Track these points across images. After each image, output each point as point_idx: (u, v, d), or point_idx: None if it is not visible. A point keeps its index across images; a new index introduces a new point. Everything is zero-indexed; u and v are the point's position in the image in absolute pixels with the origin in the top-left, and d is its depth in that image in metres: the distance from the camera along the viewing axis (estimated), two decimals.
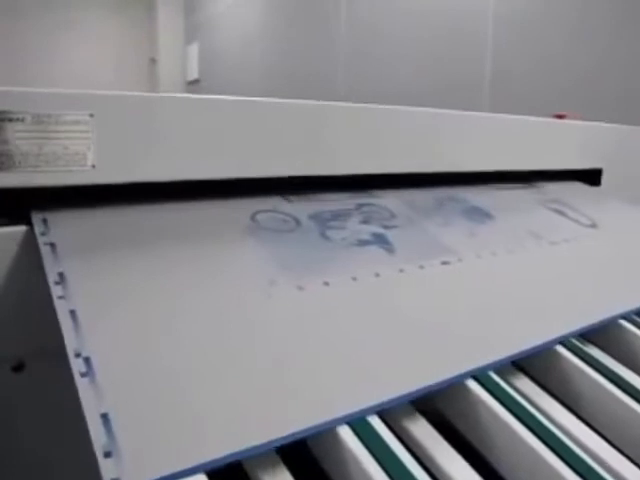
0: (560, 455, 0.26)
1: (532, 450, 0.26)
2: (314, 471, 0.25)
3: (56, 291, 0.29)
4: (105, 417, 0.22)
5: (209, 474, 0.22)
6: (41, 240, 0.32)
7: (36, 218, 0.34)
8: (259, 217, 0.39)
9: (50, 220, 0.34)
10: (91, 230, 0.34)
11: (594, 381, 0.32)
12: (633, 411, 0.30)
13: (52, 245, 0.32)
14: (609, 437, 0.29)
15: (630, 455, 0.28)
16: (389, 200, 0.46)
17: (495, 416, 0.28)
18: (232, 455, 0.22)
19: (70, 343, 0.26)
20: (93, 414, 0.22)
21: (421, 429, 0.27)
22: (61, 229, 0.34)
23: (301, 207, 0.42)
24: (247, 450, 0.23)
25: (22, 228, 0.34)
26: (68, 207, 0.36)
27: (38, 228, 0.33)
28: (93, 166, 0.34)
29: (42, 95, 0.33)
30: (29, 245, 0.33)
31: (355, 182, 0.46)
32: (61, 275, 0.30)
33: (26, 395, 0.35)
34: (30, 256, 0.33)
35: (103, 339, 0.27)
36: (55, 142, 0.34)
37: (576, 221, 0.51)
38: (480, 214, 0.47)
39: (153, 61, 3.57)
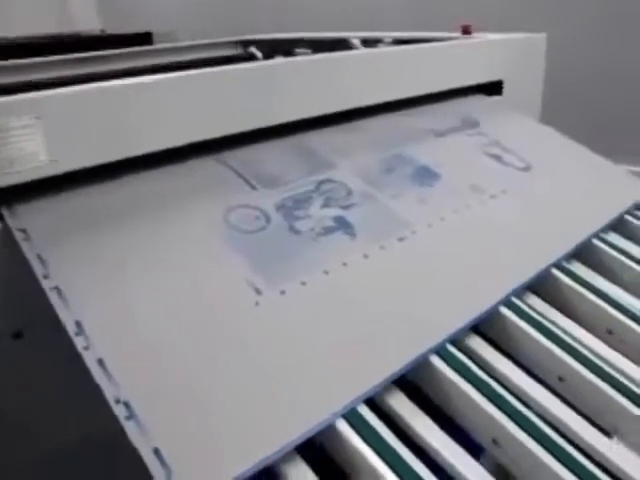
0: (503, 409, 0.36)
1: (484, 412, 0.36)
2: (324, 460, 0.33)
3: (38, 271, 0.37)
4: (157, 452, 0.30)
5: None
6: (15, 230, 0.40)
7: (7, 213, 0.42)
8: (232, 218, 0.45)
9: (20, 212, 0.42)
10: (58, 215, 0.42)
11: (535, 340, 0.42)
12: (567, 365, 0.41)
13: (24, 232, 0.40)
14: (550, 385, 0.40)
15: (576, 405, 0.38)
16: (344, 174, 0.52)
17: (456, 387, 0.37)
18: (262, 461, 0.30)
19: (63, 316, 0.34)
20: (146, 450, 0.29)
21: (403, 405, 0.36)
22: (31, 218, 0.42)
23: (265, 196, 0.47)
24: (271, 456, 0.31)
25: None
26: (35, 199, 0.43)
27: (11, 221, 0.41)
28: (49, 160, 0.42)
29: None
30: (8, 238, 0.41)
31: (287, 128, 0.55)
32: (39, 257, 0.38)
33: (25, 357, 0.44)
34: (10, 247, 0.40)
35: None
36: (11, 146, 0.41)
37: (511, 165, 0.59)
38: (428, 175, 0.54)
39: None
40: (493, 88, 0.80)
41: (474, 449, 0.35)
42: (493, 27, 0.88)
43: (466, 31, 0.92)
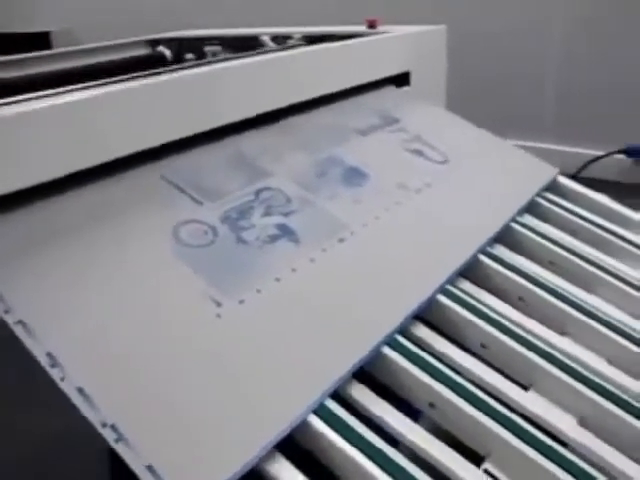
0: (451, 387, 0.41)
1: (436, 392, 0.41)
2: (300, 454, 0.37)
3: None
4: (151, 468, 0.32)
5: None
6: None
7: None
8: (181, 234, 0.47)
9: None
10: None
11: (476, 325, 0.47)
12: (490, 334, 0.47)
13: None
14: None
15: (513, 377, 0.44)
16: (280, 180, 0.55)
17: (406, 372, 0.42)
18: (248, 463, 0.34)
19: (34, 349, 0.36)
20: (141, 469, 0.32)
21: (364, 394, 0.40)
22: None
23: (210, 209, 0.50)
24: (256, 456, 0.34)
25: None
26: None
27: None
28: None
29: None
30: None
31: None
32: None
33: None
34: None
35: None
36: None
37: (431, 159, 0.65)
38: (357, 176, 0.59)
39: None
40: (402, 79, 0.86)
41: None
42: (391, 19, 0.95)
43: (372, 25, 0.98)
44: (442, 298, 0.49)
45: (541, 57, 1.35)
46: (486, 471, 0.38)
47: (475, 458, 0.39)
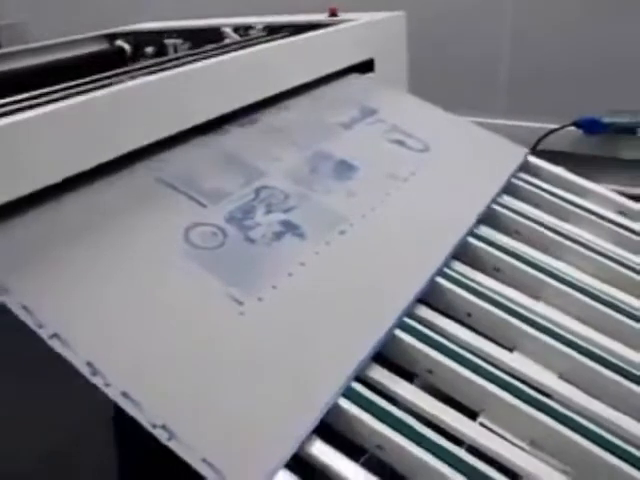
0: (448, 355, 0.46)
1: (436, 361, 0.46)
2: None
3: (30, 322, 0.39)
4: (206, 461, 0.35)
5: None
6: None
7: None
8: (192, 238, 0.49)
9: None
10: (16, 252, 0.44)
11: (475, 305, 0.51)
12: (492, 314, 0.51)
13: None
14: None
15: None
16: (276, 178, 0.58)
17: (418, 351, 0.46)
18: (293, 447, 0.37)
19: (74, 360, 0.37)
20: (197, 463, 0.35)
21: (384, 376, 0.44)
22: None
23: (215, 211, 0.52)
24: (298, 440, 0.37)
25: None
26: None
27: None
28: None
29: None
30: None
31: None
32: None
33: None
34: None
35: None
36: None
37: (412, 148, 0.68)
38: (348, 169, 0.62)
39: None
40: (366, 66, 0.89)
41: None
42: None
43: (333, 13, 1.01)
44: (441, 280, 0.52)
45: (493, 36, 1.40)
46: (482, 424, 0.43)
47: (471, 415, 0.44)
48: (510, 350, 0.50)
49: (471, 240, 0.58)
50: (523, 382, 0.46)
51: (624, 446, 0.42)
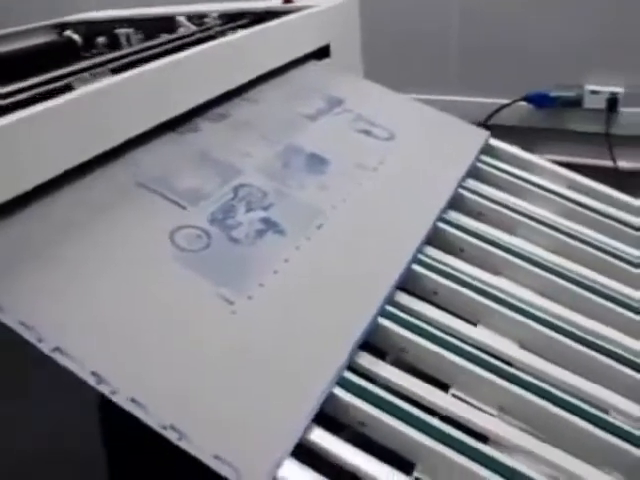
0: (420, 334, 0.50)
1: (424, 347, 0.49)
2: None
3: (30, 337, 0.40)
4: (218, 457, 0.37)
5: None
6: None
7: None
8: (178, 241, 0.51)
9: None
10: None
11: (450, 288, 0.55)
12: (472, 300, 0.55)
13: None
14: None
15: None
16: (252, 175, 0.60)
17: (404, 338, 0.49)
18: (296, 438, 0.40)
19: (79, 372, 0.39)
20: (210, 459, 0.37)
21: (372, 363, 0.47)
22: None
23: (196, 213, 0.54)
24: (301, 429, 0.40)
25: None
26: None
27: None
28: None
29: None
30: None
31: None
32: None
33: None
34: None
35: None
36: None
37: (379, 137, 0.71)
38: (319, 162, 0.64)
39: None
40: (322, 52, 0.91)
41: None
42: None
43: (288, 0, 1.02)
44: (416, 266, 0.56)
45: (443, 13, 1.44)
46: (454, 395, 0.47)
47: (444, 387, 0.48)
48: (474, 324, 0.54)
49: (440, 225, 0.62)
50: (488, 353, 0.50)
51: (583, 406, 0.47)
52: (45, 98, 0.53)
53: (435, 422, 0.43)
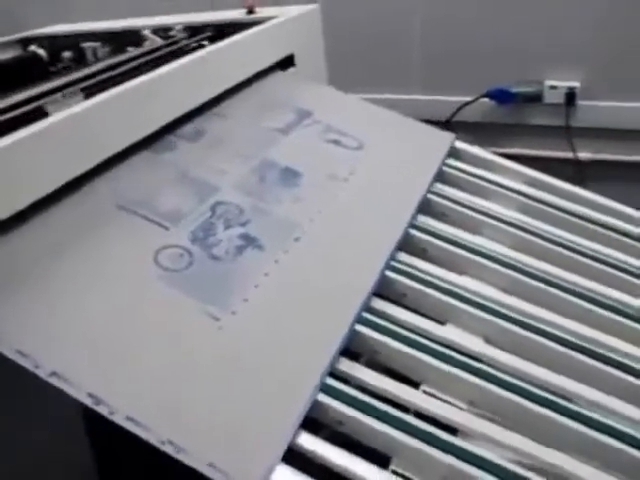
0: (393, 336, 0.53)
1: (406, 353, 0.53)
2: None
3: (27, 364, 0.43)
4: (212, 465, 0.40)
5: None
6: None
7: None
8: (162, 261, 0.53)
9: None
10: None
11: (418, 290, 0.59)
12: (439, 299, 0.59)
13: None
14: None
15: None
16: (229, 193, 0.62)
17: (377, 342, 0.53)
18: (286, 444, 0.43)
19: (77, 395, 0.41)
20: (204, 467, 0.40)
21: (358, 371, 0.50)
22: None
23: (178, 232, 0.56)
24: (292, 434, 0.43)
25: None
26: None
27: None
28: None
29: None
30: None
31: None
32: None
33: None
34: None
35: None
36: None
37: (348, 147, 0.74)
38: (292, 175, 0.67)
39: None
40: (286, 62, 0.94)
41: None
42: None
43: (250, 11, 1.04)
44: (389, 273, 0.59)
45: (405, 15, 1.47)
46: (425, 392, 0.51)
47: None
48: (442, 323, 0.58)
49: (411, 230, 0.65)
50: (456, 351, 0.54)
51: (548, 396, 0.50)
52: (21, 122, 0.56)
53: (408, 418, 0.47)
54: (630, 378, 0.53)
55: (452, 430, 0.47)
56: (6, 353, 0.44)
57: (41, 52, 1.15)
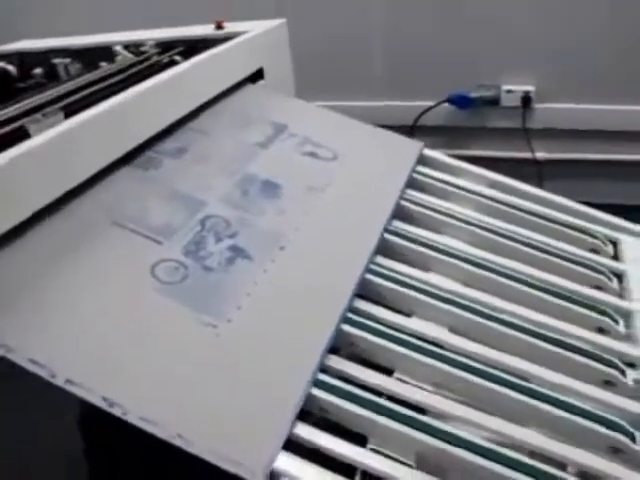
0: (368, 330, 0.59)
1: (379, 344, 0.58)
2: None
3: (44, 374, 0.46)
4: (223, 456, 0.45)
5: None
6: None
7: None
8: (158, 275, 0.58)
9: None
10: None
11: (387, 287, 0.65)
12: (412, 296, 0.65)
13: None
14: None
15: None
16: (216, 206, 0.67)
17: (368, 342, 0.58)
18: (288, 431, 0.48)
19: (92, 399, 0.45)
20: (217, 460, 0.45)
21: (344, 365, 0.56)
22: None
23: (171, 246, 0.61)
24: (290, 423, 0.48)
25: None
26: None
27: None
28: None
29: None
30: None
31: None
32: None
33: None
34: None
35: None
36: None
37: (323, 158, 0.80)
38: (272, 188, 0.72)
39: None
40: (256, 75, 0.99)
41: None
42: None
43: (219, 26, 1.09)
44: (370, 276, 0.65)
45: (366, 23, 1.54)
46: (398, 379, 0.57)
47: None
48: (409, 316, 0.64)
49: (386, 235, 0.71)
50: (422, 340, 0.60)
51: (505, 376, 0.57)
52: (2, 143, 0.58)
53: (381, 401, 0.53)
54: (580, 358, 0.60)
55: (421, 410, 0.53)
56: (21, 363, 0.48)
57: (10, 68, 1.17)
